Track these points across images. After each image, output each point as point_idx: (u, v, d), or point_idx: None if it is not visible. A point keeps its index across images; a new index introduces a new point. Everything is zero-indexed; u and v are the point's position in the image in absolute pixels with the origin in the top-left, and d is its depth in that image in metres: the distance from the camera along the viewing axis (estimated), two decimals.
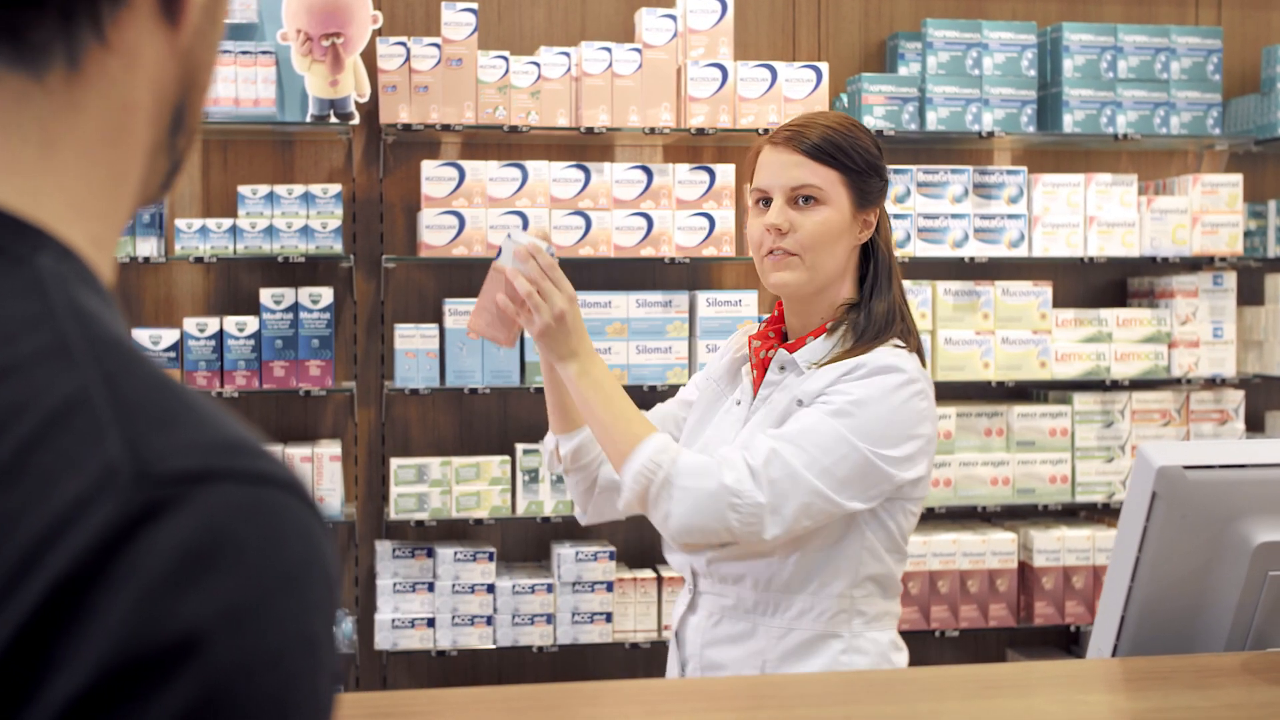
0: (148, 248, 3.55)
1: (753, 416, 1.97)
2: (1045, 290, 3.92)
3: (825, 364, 1.91)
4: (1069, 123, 3.89)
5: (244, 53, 3.54)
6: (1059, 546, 3.87)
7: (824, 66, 3.79)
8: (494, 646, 3.69)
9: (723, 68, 3.72)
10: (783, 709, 1.36)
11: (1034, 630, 3.99)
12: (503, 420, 3.95)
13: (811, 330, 1.98)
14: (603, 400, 1.88)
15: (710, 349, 3.66)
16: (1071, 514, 4.09)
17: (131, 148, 0.63)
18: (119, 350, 0.56)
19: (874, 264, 1.98)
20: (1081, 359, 3.94)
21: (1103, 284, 4.22)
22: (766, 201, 1.96)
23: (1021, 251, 3.90)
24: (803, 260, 1.92)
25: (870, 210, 1.96)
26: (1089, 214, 3.93)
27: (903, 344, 1.95)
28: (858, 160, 1.93)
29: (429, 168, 3.63)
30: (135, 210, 0.67)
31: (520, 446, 3.73)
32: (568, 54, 3.71)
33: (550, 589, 3.70)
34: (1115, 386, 3.97)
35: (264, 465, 0.55)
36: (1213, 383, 3.99)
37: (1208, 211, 3.96)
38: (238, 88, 3.53)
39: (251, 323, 3.58)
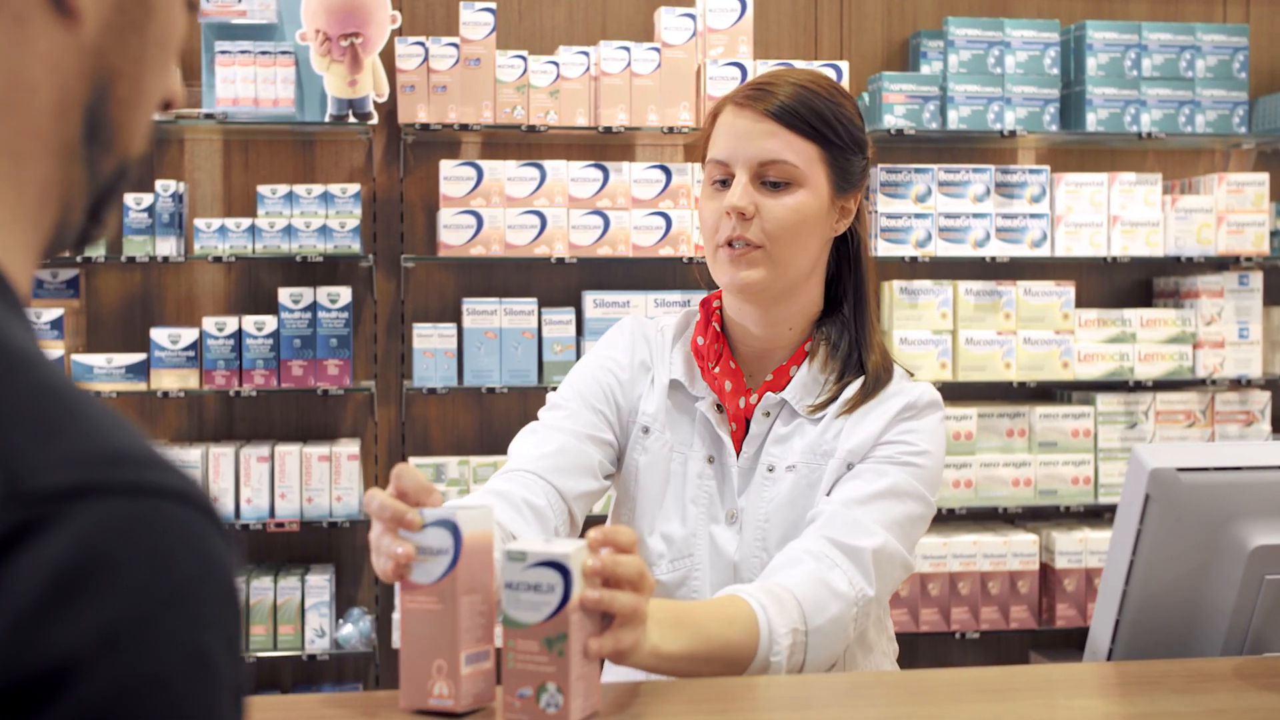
0: (167, 247, 3.58)
1: (750, 483, 1.61)
2: (1068, 290, 3.89)
3: (823, 402, 1.61)
4: (1092, 121, 3.85)
5: (263, 53, 3.56)
6: (1081, 548, 3.84)
7: (844, 65, 3.77)
8: None
9: (742, 66, 3.71)
10: (762, 711, 1.35)
11: (1056, 632, 3.95)
12: (523, 419, 3.94)
13: (783, 349, 1.64)
14: (699, 637, 1.37)
15: None
16: (1094, 515, 4.06)
17: (26, 132, 0.60)
18: (1, 356, 0.54)
19: (851, 262, 1.65)
20: (1105, 359, 3.90)
21: (1128, 284, 4.18)
22: (726, 182, 1.59)
23: (1044, 251, 3.86)
24: (768, 253, 1.56)
25: (851, 196, 1.62)
26: (1112, 213, 3.89)
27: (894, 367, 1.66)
28: (841, 133, 1.59)
29: (447, 167, 3.64)
30: (56, 224, 0.63)
31: None
32: (587, 53, 3.71)
33: None
34: (1139, 387, 3.93)
35: (150, 476, 0.52)
36: (1238, 384, 3.94)
37: (1233, 211, 3.91)
38: (257, 88, 3.55)
39: (270, 322, 3.60)
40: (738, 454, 1.62)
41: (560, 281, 3.92)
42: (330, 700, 1.37)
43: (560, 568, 1.20)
